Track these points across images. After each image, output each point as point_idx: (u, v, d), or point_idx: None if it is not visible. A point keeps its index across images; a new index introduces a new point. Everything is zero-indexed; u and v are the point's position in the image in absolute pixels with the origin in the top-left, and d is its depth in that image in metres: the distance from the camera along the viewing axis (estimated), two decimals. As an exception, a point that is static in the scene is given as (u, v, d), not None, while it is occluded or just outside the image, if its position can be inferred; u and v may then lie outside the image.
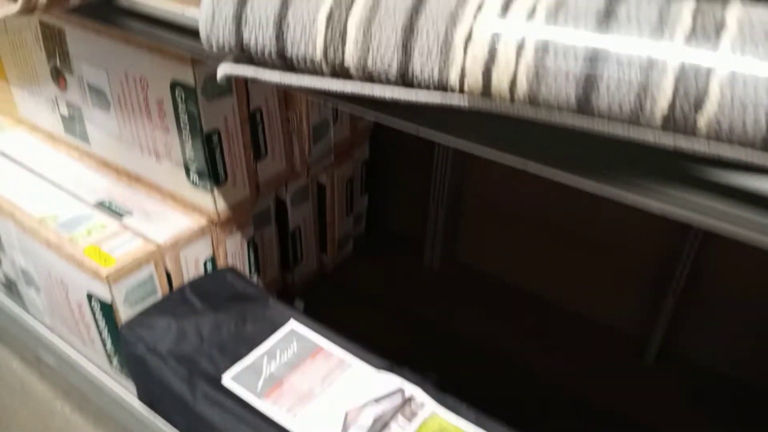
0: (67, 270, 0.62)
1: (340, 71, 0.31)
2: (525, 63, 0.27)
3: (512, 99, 0.27)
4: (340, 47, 0.30)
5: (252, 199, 0.70)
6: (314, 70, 0.32)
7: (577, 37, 0.26)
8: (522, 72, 0.27)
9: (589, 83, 0.26)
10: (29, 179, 0.73)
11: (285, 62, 0.32)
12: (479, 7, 0.28)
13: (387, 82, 0.30)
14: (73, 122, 0.75)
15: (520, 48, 0.27)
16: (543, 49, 0.26)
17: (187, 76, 0.57)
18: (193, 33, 0.44)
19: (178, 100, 0.60)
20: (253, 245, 0.74)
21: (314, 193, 0.83)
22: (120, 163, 0.72)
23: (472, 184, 0.88)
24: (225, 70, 0.34)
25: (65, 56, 0.69)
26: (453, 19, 0.28)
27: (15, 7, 0.42)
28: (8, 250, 0.71)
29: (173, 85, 0.59)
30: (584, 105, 0.26)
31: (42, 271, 0.67)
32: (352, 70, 0.30)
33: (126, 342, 0.59)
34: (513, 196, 0.85)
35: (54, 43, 0.69)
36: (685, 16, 0.25)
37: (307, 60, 0.31)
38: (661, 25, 0.25)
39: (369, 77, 0.30)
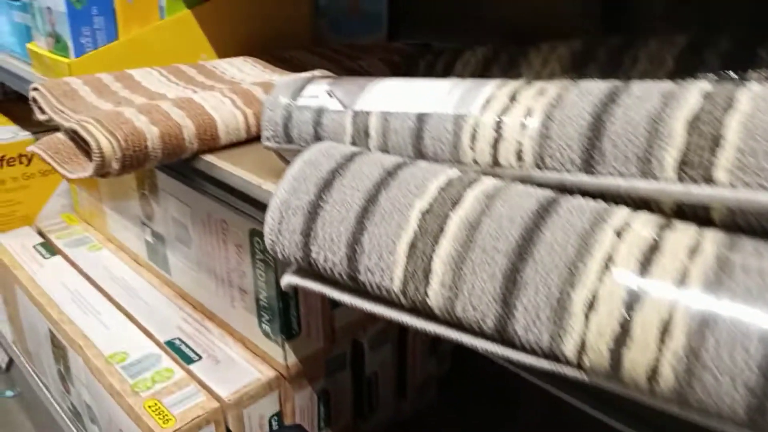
0: (126, 421, 0.58)
1: (421, 309, 0.25)
2: (672, 349, 0.19)
3: (652, 392, 0.20)
4: (422, 285, 0.24)
5: (326, 349, 0.65)
6: (391, 301, 0.26)
7: (751, 318, 0.19)
8: (667, 360, 0.20)
9: (765, 393, 0.18)
10: (107, 309, 0.71)
11: (357, 285, 0.27)
12: (607, 263, 0.21)
13: (480, 334, 0.24)
14: (156, 250, 0.73)
15: (665, 327, 0.20)
16: (699, 332, 0.19)
17: (265, 227, 0.54)
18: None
19: (256, 248, 0.56)
20: (324, 395, 0.68)
21: (395, 334, 0.77)
22: (197, 298, 0.69)
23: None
24: (290, 281, 0.29)
25: (154, 187, 0.68)
26: (570, 275, 0.21)
27: (89, 170, 0.40)
28: (76, 383, 0.69)
29: (252, 234, 0.56)
30: (758, 421, 0.19)
31: (104, 413, 0.63)
32: (437, 312, 0.24)
33: None
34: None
35: (144, 173, 0.69)
36: None
37: (382, 289, 0.26)
38: None
39: (458, 324, 0.24)
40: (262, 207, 0.40)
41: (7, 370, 0.98)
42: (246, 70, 0.55)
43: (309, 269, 0.28)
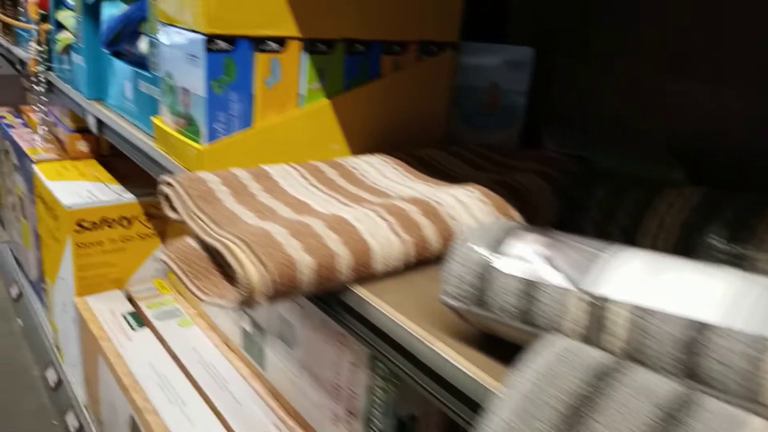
0: None
1: None
2: None
3: None
4: None
5: (435, 487, 0.57)
6: None
7: None
8: None
9: None
10: (193, 399, 0.65)
11: None
12: None
13: None
14: (253, 341, 0.68)
15: None
16: None
17: (394, 355, 0.47)
18: (418, 363, 0.33)
19: (378, 372, 0.50)
20: None
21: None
22: (292, 403, 0.63)
23: None
24: None
25: (261, 276, 0.63)
26: None
27: (230, 301, 0.34)
28: (153, 482, 0.63)
29: (375, 356, 0.49)
30: None
31: None
32: None
33: None
34: None
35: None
36: None
37: None
38: None
39: None
40: (415, 360, 0.33)
41: (76, 435, 0.93)
42: (387, 174, 0.50)
43: None
